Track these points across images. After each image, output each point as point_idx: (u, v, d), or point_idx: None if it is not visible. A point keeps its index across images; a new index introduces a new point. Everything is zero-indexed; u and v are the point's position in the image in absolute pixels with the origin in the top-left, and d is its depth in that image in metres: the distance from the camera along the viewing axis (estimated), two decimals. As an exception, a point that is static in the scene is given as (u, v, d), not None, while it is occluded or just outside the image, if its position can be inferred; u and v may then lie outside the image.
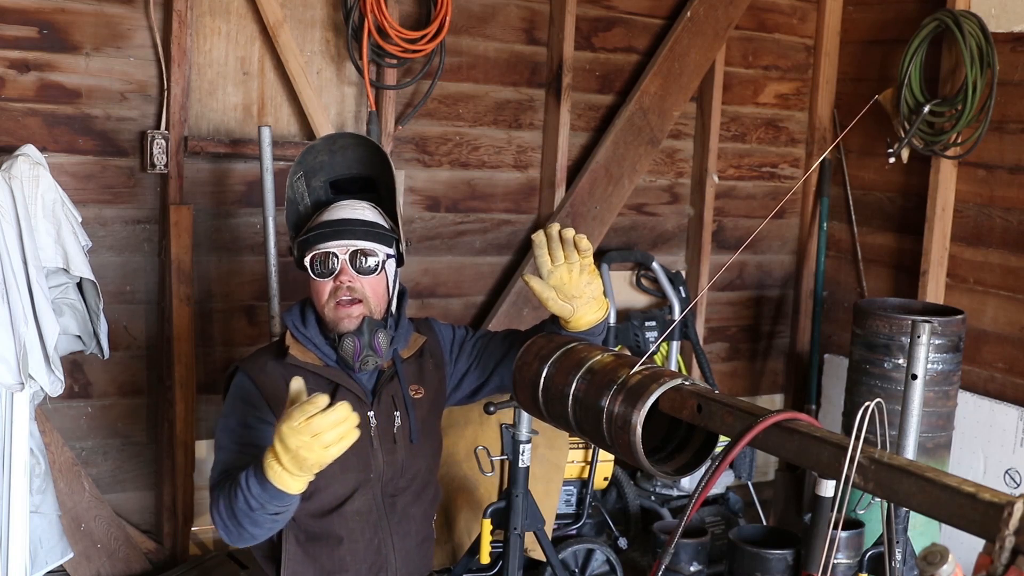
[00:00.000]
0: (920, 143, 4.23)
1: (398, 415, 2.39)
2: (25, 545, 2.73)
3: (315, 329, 2.38)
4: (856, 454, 1.31)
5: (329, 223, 2.35)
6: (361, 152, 2.47)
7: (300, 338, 2.38)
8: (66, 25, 3.35)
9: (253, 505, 2.00)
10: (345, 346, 2.31)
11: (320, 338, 2.37)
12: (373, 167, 2.48)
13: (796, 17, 4.81)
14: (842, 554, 3.35)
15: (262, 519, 2.04)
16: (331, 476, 2.29)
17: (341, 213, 2.38)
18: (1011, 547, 1.11)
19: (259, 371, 2.35)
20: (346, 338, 2.30)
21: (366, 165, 2.48)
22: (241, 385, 2.34)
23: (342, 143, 2.47)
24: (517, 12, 4.14)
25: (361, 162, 2.48)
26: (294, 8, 3.71)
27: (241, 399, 2.32)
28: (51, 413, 3.39)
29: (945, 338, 3.77)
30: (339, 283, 2.31)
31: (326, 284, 2.32)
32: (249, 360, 2.40)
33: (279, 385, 2.30)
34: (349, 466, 2.31)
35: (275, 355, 2.39)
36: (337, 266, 2.31)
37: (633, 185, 4.38)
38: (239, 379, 2.36)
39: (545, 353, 1.94)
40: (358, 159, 2.48)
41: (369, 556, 2.32)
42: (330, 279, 2.32)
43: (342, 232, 2.33)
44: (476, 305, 4.23)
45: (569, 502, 3.92)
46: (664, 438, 1.76)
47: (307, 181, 2.46)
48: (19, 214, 2.67)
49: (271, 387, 2.31)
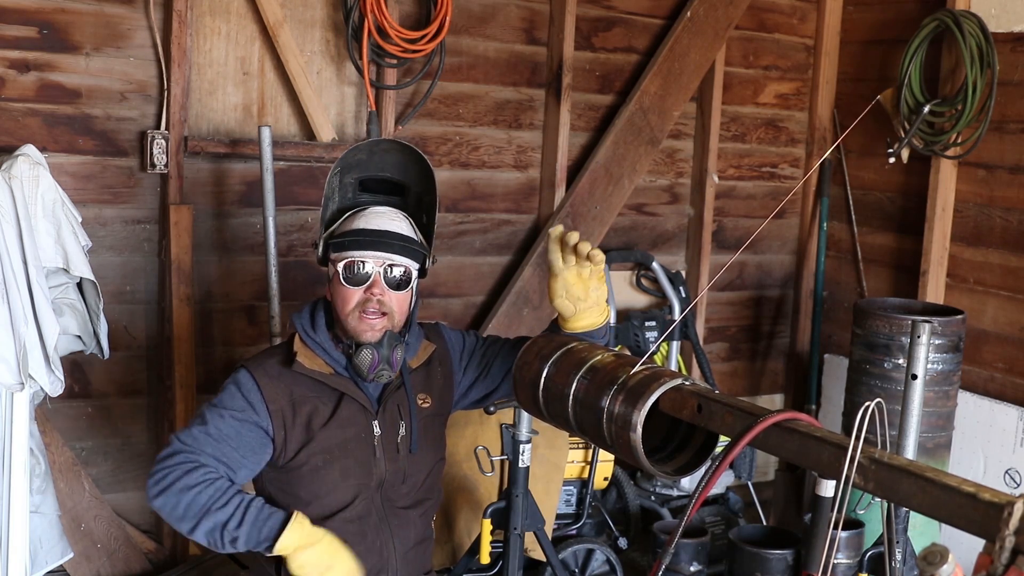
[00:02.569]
0: (920, 143, 4.23)
1: (403, 424, 2.38)
2: (25, 545, 2.73)
3: (325, 334, 2.35)
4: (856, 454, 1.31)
5: (367, 232, 2.30)
6: (399, 158, 2.42)
7: (309, 343, 2.35)
8: (66, 25, 3.35)
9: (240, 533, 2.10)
10: (362, 357, 2.28)
11: (330, 343, 2.35)
12: (408, 175, 2.44)
13: (796, 17, 4.81)
14: (842, 554, 3.35)
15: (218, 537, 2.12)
16: (332, 483, 2.29)
17: (379, 222, 2.33)
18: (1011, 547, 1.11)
19: (264, 375, 2.31)
20: (365, 349, 2.28)
21: (400, 171, 2.44)
22: (244, 383, 2.31)
23: (385, 146, 2.43)
24: (517, 12, 4.14)
25: (396, 167, 2.43)
26: (294, 8, 3.71)
27: (241, 396, 2.29)
28: (51, 413, 3.38)
29: (945, 338, 3.77)
30: (370, 295, 2.28)
31: (355, 293, 2.29)
32: (255, 361, 2.36)
33: (283, 395, 2.29)
34: (351, 474, 2.31)
35: (283, 360, 2.35)
36: (370, 278, 2.28)
37: (633, 185, 4.38)
38: (243, 377, 2.32)
39: (545, 353, 1.94)
40: (394, 163, 2.43)
41: (371, 558, 2.33)
42: (360, 289, 2.28)
43: (380, 244, 2.29)
44: (476, 305, 4.23)
45: (569, 502, 3.92)
46: (664, 438, 1.76)
47: (341, 177, 2.42)
48: (19, 214, 2.67)
49: (274, 395, 2.29)
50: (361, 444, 2.33)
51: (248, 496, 2.16)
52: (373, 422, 2.34)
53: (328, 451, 2.30)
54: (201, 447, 2.19)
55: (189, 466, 2.14)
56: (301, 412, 2.30)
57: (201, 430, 2.21)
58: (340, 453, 2.31)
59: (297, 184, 3.74)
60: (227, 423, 2.23)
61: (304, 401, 2.31)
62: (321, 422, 2.30)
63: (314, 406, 2.31)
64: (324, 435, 2.30)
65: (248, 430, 2.25)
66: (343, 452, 2.32)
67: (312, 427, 2.30)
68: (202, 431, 2.21)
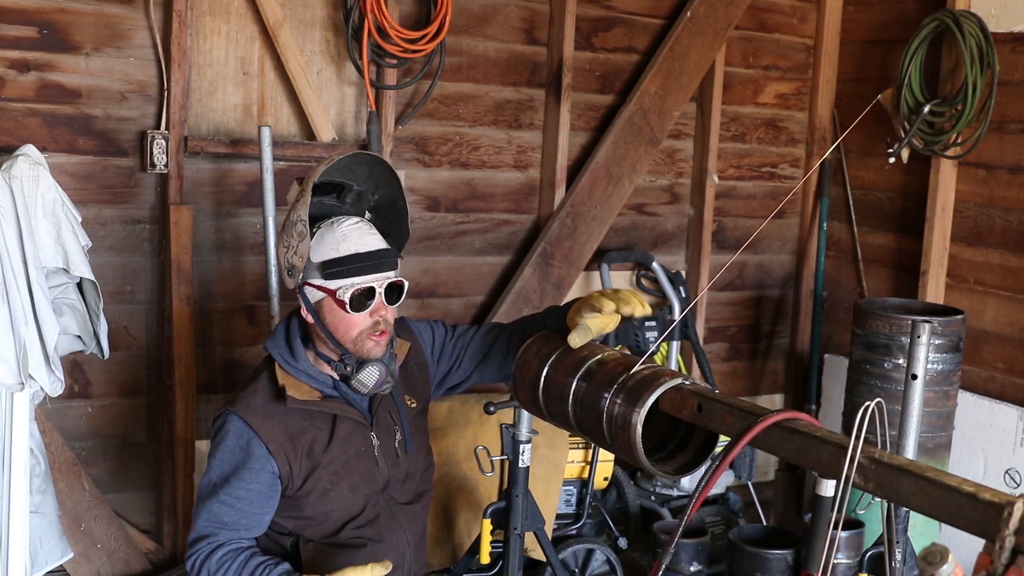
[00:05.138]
0: (920, 143, 4.23)
1: (397, 430, 2.39)
2: (25, 545, 2.73)
3: (305, 359, 2.31)
4: (856, 454, 1.31)
5: (362, 256, 2.23)
6: (349, 160, 2.30)
7: (292, 371, 2.30)
8: (66, 25, 3.35)
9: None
10: (368, 374, 2.26)
11: (313, 368, 2.31)
12: (346, 174, 2.32)
13: (796, 17, 4.81)
14: (842, 554, 3.35)
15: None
16: (340, 498, 2.30)
17: (365, 241, 2.26)
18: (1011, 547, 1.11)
19: (255, 416, 2.25)
20: (370, 366, 2.26)
21: (342, 172, 2.32)
22: (237, 433, 2.24)
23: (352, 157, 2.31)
24: (517, 12, 4.14)
25: (340, 170, 2.31)
26: (294, 8, 3.71)
27: (239, 448, 2.24)
28: (51, 413, 3.39)
29: (945, 338, 3.77)
30: (378, 318, 2.25)
31: (361, 319, 2.25)
32: (241, 404, 2.27)
33: (279, 431, 2.25)
34: (358, 487, 2.33)
35: (269, 395, 2.29)
36: (373, 300, 2.25)
37: (633, 185, 4.38)
38: (235, 425, 2.25)
39: (545, 353, 1.94)
40: (344, 167, 2.31)
41: (391, 555, 2.33)
42: (366, 313, 2.25)
43: (382, 265, 2.26)
44: (476, 305, 4.23)
45: (569, 502, 3.92)
46: (664, 438, 1.76)
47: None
48: (19, 214, 2.67)
49: (270, 434, 2.24)
50: (362, 458, 2.33)
51: (263, 565, 2.18)
52: (370, 434, 2.35)
53: (334, 473, 2.30)
54: (221, 521, 2.20)
55: (209, 550, 2.18)
56: (300, 444, 2.27)
57: (216, 501, 2.22)
58: (345, 472, 2.31)
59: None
60: (235, 485, 2.22)
61: (301, 432, 2.28)
62: (322, 447, 2.29)
63: (312, 435, 2.29)
64: (327, 459, 2.29)
65: (256, 481, 2.23)
66: (347, 470, 2.31)
67: (314, 454, 2.28)
68: (217, 503, 2.22)
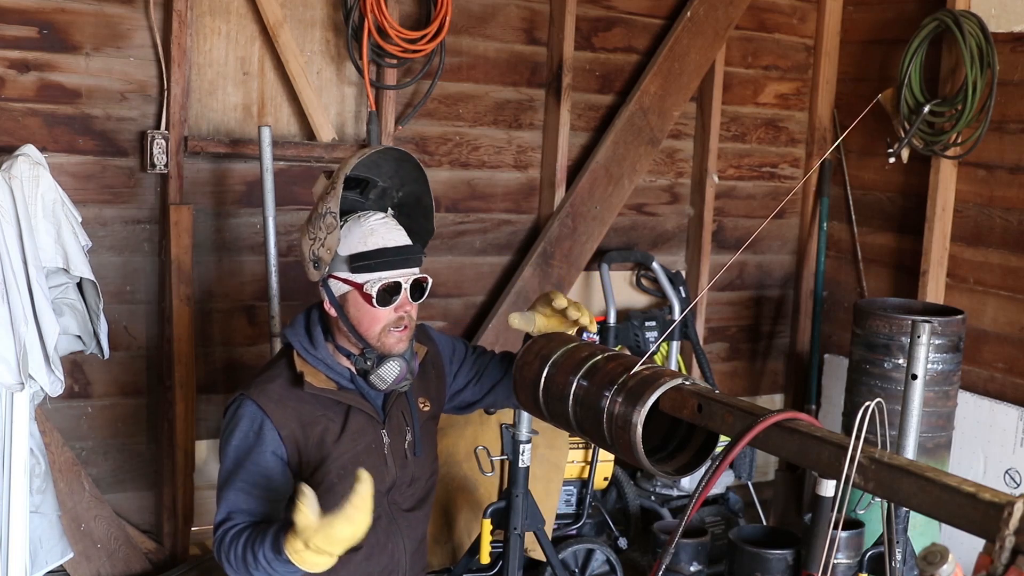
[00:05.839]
0: (920, 143, 4.23)
1: (408, 430, 2.39)
2: (25, 545, 2.73)
3: (325, 349, 2.32)
4: (856, 454, 1.31)
5: (390, 251, 2.25)
6: (376, 156, 2.31)
7: (310, 359, 2.30)
8: (66, 25, 3.35)
9: (276, 569, 2.09)
10: (389, 369, 2.27)
11: (331, 358, 2.32)
12: (372, 170, 2.34)
13: (796, 17, 4.81)
14: (842, 554, 3.35)
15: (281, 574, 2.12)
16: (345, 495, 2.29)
17: (393, 237, 2.28)
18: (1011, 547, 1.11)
19: (269, 401, 2.25)
20: (391, 362, 2.26)
21: (369, 168, 2.34)
22: (252, 417, 2.24)
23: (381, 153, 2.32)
24: (517, 12, 4.14)
25: (367, 166, 2.33)
26: (294, 8, 3.71)
27: (252, 432, 2.24)
28: (51, 413, 3.38)
29: (945, 338, 3.77)
30: (402, 313, 2.27)
31: (386, 313, 2.25)
32: (257, 388, 2.27)
33: (292, 418, 2.25)
34: None
35: (286, 381, 2.29)
36: (399, 295, 2.25)
37: (633, 185, 4.38)
38: (248, 409, 2.25)
39: (546, 353, 1.94)
40: (371, 163, 2.32)
41: (383, 560, 2.34)
42: (391, 308, 2.25)
43: (408, 260, 2.27)
44: (476, 305, 4.23)
45: (569, 502, 3.92)
46: (664, 438, 1.76)
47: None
48: (19, 214, 2.67)
49: (283, 420, 2.24)
50: (372, 454, 2.33)
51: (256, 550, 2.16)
52: (381, 431, 2.34)
53: (342, 467, 2.29)
54: (239, 508, 2.21)
55: (233, 532, 2.19)
56: (313, 432, 2.27)
57: (232, 489, 2.23)
58: (353, 467, 2.30)
59: (297, 184, 3.74)
60: (250, 471, 2.22)
61: (314, 421, 2.28)
62: (333, 438, 2.29)
63: (324, 424, 2.29)
64: (338, 451, 2.29)
65: (270, 463, 2.24)
66: (356, 465, 2.30)
67: (325, 445, 2.28)
68: (234, 491, 2.23)
